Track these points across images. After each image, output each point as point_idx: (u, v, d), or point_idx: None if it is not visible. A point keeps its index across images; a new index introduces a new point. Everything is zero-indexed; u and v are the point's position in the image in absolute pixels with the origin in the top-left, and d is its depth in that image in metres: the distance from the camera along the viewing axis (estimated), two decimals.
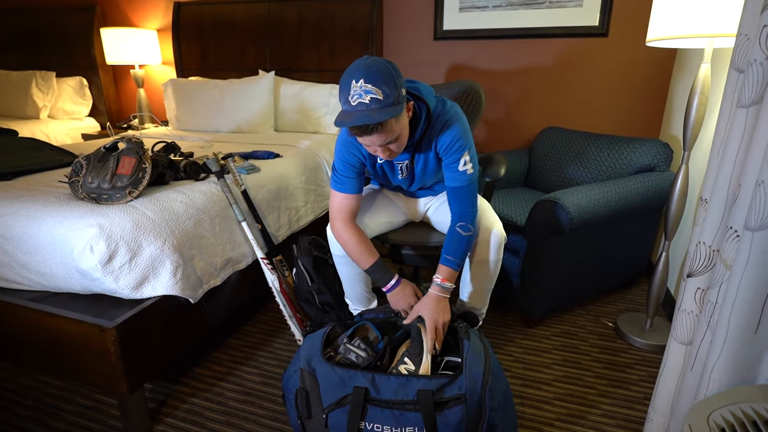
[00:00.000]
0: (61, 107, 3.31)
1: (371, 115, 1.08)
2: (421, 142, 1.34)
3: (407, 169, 1.42)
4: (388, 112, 1.09)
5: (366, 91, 1.08)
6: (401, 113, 1.15)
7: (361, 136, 1.14)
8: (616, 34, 2.35)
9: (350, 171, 1.37)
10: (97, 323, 1.17)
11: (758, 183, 0.83)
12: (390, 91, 1.09)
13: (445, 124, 1.30)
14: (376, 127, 1.11)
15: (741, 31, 1.00)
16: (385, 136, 1.15)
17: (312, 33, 2.83)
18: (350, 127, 1.12)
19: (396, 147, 1.21)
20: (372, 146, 1.19)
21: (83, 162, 1.36)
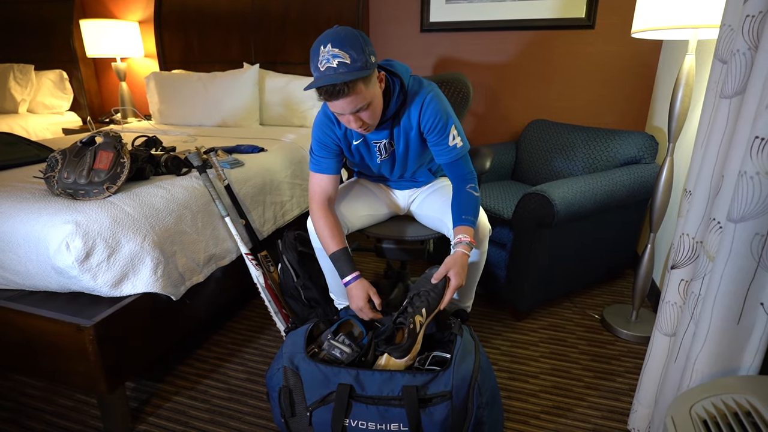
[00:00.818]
0: (40, 101, 3.23)
1: (338, 77, 1.07)
2: (400, 119, 1.33)
3: (386, 150, 1.40)
4: (355, 75, 1.08)
5: (333, 55, 1.07)
6: (370, 78, 1.15)
7: (331, 100, 1.13)
8: (602, 26, 2.34)
9: (325, 151, 1.37)
10: (74, 322, 1.14)
11: (741, 174, 0.83)
12: (357, 55, 1.09)
13: (426, 101, 1.29)
14: (343, 89, 1.09)
15: (725, 21, 0.99)
16: (354, 101, 1.13)
17: (297, 25, 2.79)
18: (319, 91, 1.12)
19: (368, 116, 1.19)
20: (344, 115, 1.18)
21: (59, 157, 1.32)
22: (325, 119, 1.35)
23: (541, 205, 1.62)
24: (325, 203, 1.39)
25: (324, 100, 1.16)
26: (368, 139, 1.38)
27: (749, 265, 0.85)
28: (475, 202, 1.35)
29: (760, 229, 0.82)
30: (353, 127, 1.21)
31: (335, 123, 1.35)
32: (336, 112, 1.19)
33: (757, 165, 0.80)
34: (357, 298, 1.29)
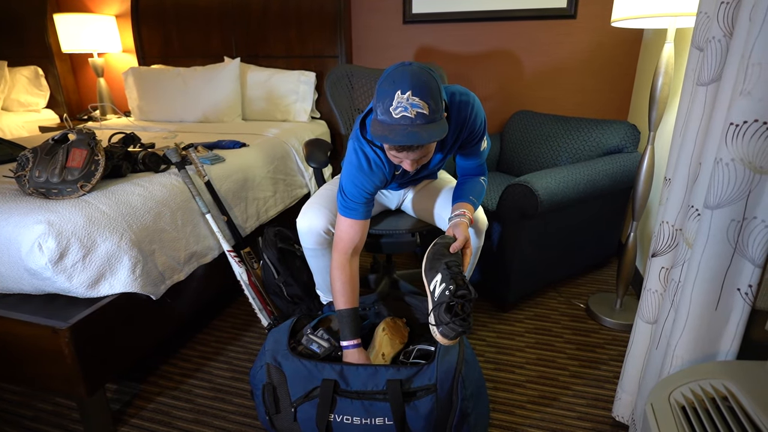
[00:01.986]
0: (15, 98, 3.14)
1: (419, 133, 0.98)
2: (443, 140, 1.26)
3: (421, 167, 1.35)
4: (435, 130, 0.99)
5: (413, 105, 0.97)
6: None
7: (400, 152, 1.05)
8: (584, 16, 2.34)
9: (364, 197, 1.24)
10: (49, 325, 1.11)
11: (717, 161, 0.83)
12: (436, 105, 1.00)
13: (473, 114, 1.22)
14: (417, 146, 1.03)
15: (701, 9, 0.99)
16: (423, 152, 1.07)
17: (278, 17, 2.75)
18: (391, 143, 1.01)
19: (426, 159, 1.13)
20: (404, 160, 1.10)
21: (30, 155, 1.28)
22: (372, 164, 1.22)
23: (524, 196, 1.62)
24: (350, 253, 1.27)
25: (391, 149, 1.07)
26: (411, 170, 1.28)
27: (726, 251, 0.85)
28: (483, 189, 1.35)
29: (735, 216, 0.83)
30: (405, 165, 1.12)
31: (383, 165, 1.23)
32: (394, 157, 1.10)
33: (732, 152, 0.80)
34: (358, 360, 1.22)
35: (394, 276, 1.89)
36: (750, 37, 0.76)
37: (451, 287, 1.07)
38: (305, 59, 2.78)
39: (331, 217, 1.39)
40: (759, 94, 0.76)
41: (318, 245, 1.40)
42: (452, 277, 1.09)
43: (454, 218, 1.25)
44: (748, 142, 0.78)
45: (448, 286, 1.07)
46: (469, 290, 1.07)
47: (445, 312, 1.05)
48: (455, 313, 1.05)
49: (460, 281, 1.09)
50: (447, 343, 1.06)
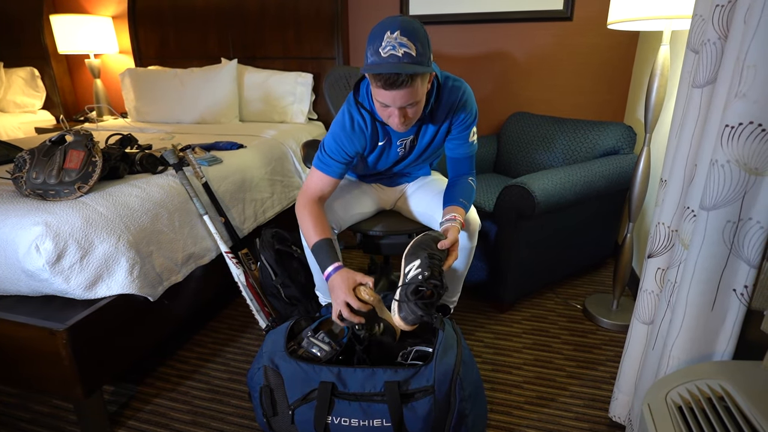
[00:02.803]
0: (11, 99, 3.13)
1: (405, 68, 1.03)
2: (433, 114, 1.30)
3: (409, 146, 1.38)
4: (419, 69, 1.05)
5: (401, 44, 1.03)
6: (426, 76, 1.13)
7: (387, 89, 1.08)
8: (580, 18, 2.36)
9: (342, 156, 1.30)
10: (47, 326, 1.10)
11: (712, 162, 0.84)
12: (423, 49, 1.06)
13: (464, 95, 1.29)
14: (405, 81, 1.06)
15: (696, 11, 1.00)
16: (409, 94, 1.10)
17: (276, 19, 2.75)
18: (377, 78, 1.07)
19: (413, 113, 1.17)
20: (392, 106, 1.13)
21: (27, 157, 1.28)
22: (355, 125, 1.28)
23: (521, 197, 1.63)
24: (316, 199, 1.32)
25: (379, 88, 1.10)
26: (393, 138, 1.34)
27: (722, 252, 0.86)
28: (472, 190, 1.38)
29: (731, 217, 0.84)
30: (393, 122, 1.17)
31: (365, 129, 1.29)
32: (384, 103, 1.13)
33: (727, 153, 0.81)
34: (339, 289, 1.15)
35: (391, 277, 1.90)
36: (745, 39, 0.77)
37: (426, 273, 1.10)
38: (302, 61, 2.78)
39: (335, 215, 1.41)
40: (754, 96, 0.76)
41: None
42: (430, 267, 1.12)
43: (446, 223, 1.27)
44: (743, 143, 0.79)
45: (423, 272, 1.10)
46: (442, 283, 1.10)
47: (412, 293, 1.09)
48: (422, 296, 1.09)
49: (437, 273, 1.11)
50: (404, 327, 1.11)
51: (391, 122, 1.19)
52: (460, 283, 1.52)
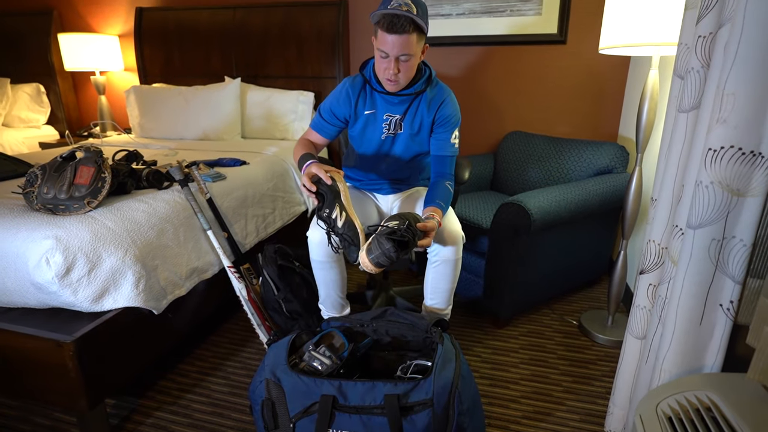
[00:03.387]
0: (16, 115, 3.18)
1: (405, 14, 1.26)
2: (419, 102, 1.49)
3: (394, 126, 1.53)
4: (417, 20, 1.27)
5: (406, 3, 1.28)
6: (422, 39, 1.35)
7: (390, 32, 1.28)
8: (573, 42, 2.44)
9: (333, 118, 1.54)
10: (54, 338, 1.13)
11: (697, 183, 0.88)
12: (422, 15, 1.31)
13: (447, 97, 1.51)
14: (405, 26, 1.27)
15: (681, 40, 1.06)
16: (406, 42, 1.30)
17: (278, 39, 2.83)
18: (384, 19, 1.27)
19: (404, 68, 1.36)
20: (390, 55, 1.32)
21: (38, 172, 1.32)
22: (346, 89, 1.51)
23: (517, 215, 1.67)
24: (309, 142, 1.58)
25: (383, 32, 1.30)
26: (379, 112, 1.52)
27: (708, 268, 0.90)
28: (449, 193, 1.51)
29: (716, 235, 0.88)
30: (388, 74, 1.36)
31: (354, 95, 1.50)
32: (383, 51, 1.33)
33: (711, 175, 0.85)
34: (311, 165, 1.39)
35: (390, 293, 1.92)
36: (724, 68, 0.82)
37: (402, 227, 1.24)
38: (304, 80, 2.85)
39: None
40: (734, 122, 0.81)
41: (327, 257, 1.46)
42: (408, 226, 1.26)
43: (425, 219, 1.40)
44: (725, 166, 0.84)
45: (400, 225, 1.25)
46: (414, 241, 1.26)
47: (386, 236, 1.22)
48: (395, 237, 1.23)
49: (413, 230, 1.26)
50: (369, 267, 1.24)
51: (385, 74, 1.37)
52: (451, 295, 1.56)
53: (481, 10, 2.50)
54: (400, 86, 1.42)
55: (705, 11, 0.93)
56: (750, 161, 0.82)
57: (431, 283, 1.52)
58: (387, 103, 1.50)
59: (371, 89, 1.51)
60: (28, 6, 3.28)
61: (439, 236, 1.44)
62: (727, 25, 0.83)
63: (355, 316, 1.45)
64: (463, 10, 2.52)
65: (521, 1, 2.43)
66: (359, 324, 1.44)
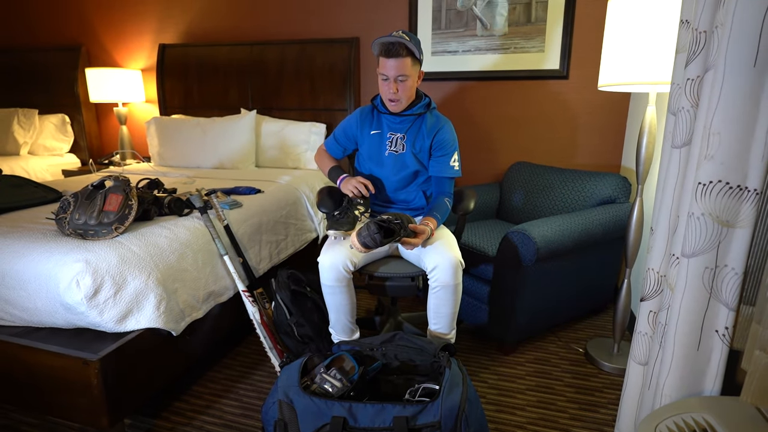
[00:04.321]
0: (42, 143, 3.33)
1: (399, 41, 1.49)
2: (420, 124, 1.69)
3: (397, 144, 1.70)
4: (410, 45, 1.50)
5: (400, 36, 1.51)
6: (416, 64, 1.58)
7: (386, 57, 1.52)
8: (575, 77, 2.54)
9: (344, 138, 1.80)
10: (81, 356, 1.19)
11: (689, 215, 0.94)
12: (415, 44, 1.54)
13: (444, 125, 1.70)
14: (399, 51, 1.50)
15: (674, 80, 1.14)
16: (401, 65, 1.52)
17: (293, 74, 2.97)
18: (381, 46, 1.52)
19: (402, 89, 1.57)
20: (389, 77, 1.55)
21: (71, 200, 1.41)
22: (358, 113, 1.77)
23: (522, 243, 1.73)
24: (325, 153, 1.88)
25: (381, 57, 1.54)
26: (384, 131, 1.72)
27: (703, 296, 0.95)
28: (447, 209, 1.68)
29: (709, 263, 0.93)
30: (389, 93, 1.58)
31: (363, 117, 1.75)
32: (383, 74, 1.56)
33: (701, 207, 0.91)
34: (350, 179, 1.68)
35: (398, 318, 1.97)
36: (710, 109, 0.89)
37: (391, 219, 1.45)
38: (316, 112, 2.98)
39: (349, 254, 1.54)
40: (720, 159, 0.88)
41: (337, 282, 1.52)
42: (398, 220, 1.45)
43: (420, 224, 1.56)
44: (714, 199, 0.90)
45: (390, 218, 1.46)
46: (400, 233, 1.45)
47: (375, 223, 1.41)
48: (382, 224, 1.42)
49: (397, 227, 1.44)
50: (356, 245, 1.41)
51: (387, 95, 1.59)
52: (453, 320, 1.60)
53: (486, 48, 2.62)
54: (401, 105, 1.62)
55: (692, 56, 1.01)
56: (737, 195, 0.88)
57: (433, 308, 1.57)
58: (391, 123, 1.71)
59: (378, 113, 1.74)
60: (59, 42, 3.48)
61: (438, 260, 1.50)
62: (712, 70, 0.91)
63: (365, 340, 1.49)
64: (469, 47, 2.65)
65: (525, 39, 2.55)
66: (369, 348, 1.48)
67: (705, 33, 0.96)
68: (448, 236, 1.63)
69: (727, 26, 0.84)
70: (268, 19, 3.03)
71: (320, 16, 2.92)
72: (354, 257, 1.55)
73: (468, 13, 2.62)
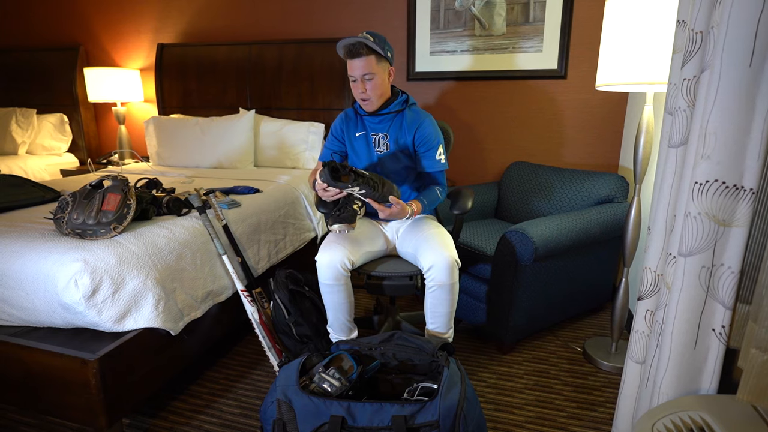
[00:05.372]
0: (40, 143, 3.33)
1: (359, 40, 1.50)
2: (401, 121, 1.69)
3: (382, 143, 1.71)
4: (371, 44, 1.50)
5: (363, 36, 1.51)
6: (382, 61, 1.58)
7: (349, 58, 1.54)
8: (573, 77, 2.55)
9: (335, 142, 1.79)
10: (79, 356, 1.19)
11: (686, 214, 0.95)
12: (379, 43, 1.53)
13: (425, 119, 1.68)
14: (359, 51, 1.51)
15: (671, 80, 1.14)
16: (365, 65, 1.53)
17: (292, 73, 2.97)
18: (344, 49, 1.53)
19: (371, 87, 1.58)
20: (356, 78, 1.56)
21: (69, 199, 1.41)
22: (341, 116, 1.78)
23: (520, 243, 1.73)
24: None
25: (346, 58, 1.55)
26: (368, 132, 1.72)
27: (699, 294, 0.95)
28: (436, 197, 1.69)
29: (705, 262, 0.94)
30: (359, 93, 1.59)
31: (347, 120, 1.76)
32: (351, 76, 1.57)
33: (698, 206, 0.92)
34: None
35: (397, 317, 1.97)
36: (706, 109, 0.90)
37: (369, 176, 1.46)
38: (315, 111, 2.98)
39: (347, 252, 1.54)
40: (717, 158, 0.88)
41: (335, 280, 1.52)
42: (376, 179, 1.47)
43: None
44: (711, 198, 0.90)
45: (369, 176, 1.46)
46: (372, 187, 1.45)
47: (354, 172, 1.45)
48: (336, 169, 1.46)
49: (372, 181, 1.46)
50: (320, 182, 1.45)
51: (358, 95, 1.60)
52: (450, 319, 1.60)
53: (484, 47, 2.63)
54: (373, 104, 1.63)
55: (689, 57, 1.01)
56: (733, 194, 0.89)
57: (430, 308, 1.57)
58: (371, 124, 1.72)
59: (359, 116, 1.75)
60: (57, 42, 3.48)
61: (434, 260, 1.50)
62: (708, 70, 0.91)
63: (363, 340, 1.50)
64: (467, 47, 2.65)
65: (523, 39, 2.56)
66: (367, 347, 1.49)
67: (701, 33, 0.97)
68: (444, 235, 1.63)
69: (723, 26, 0.84)
70: (266, 18, 3.03)
71: (319, 16, 2.93)
72: (352, 256, 1.55)
73: (466, 12, 2.62)
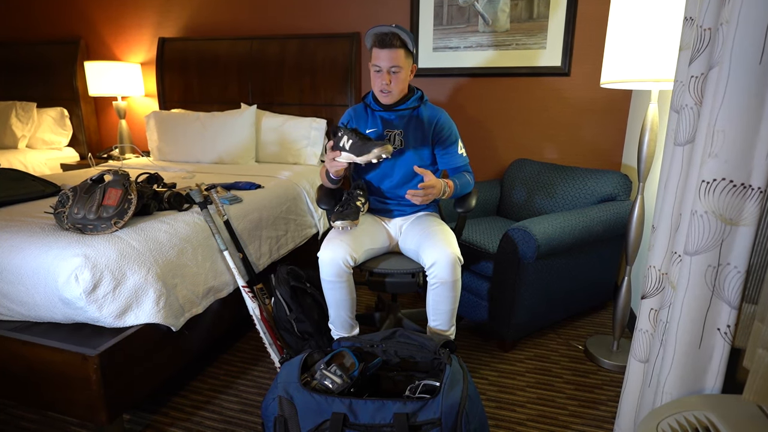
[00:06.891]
0: (40, 137, 3.31)
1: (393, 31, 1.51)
2: (417, 117, 1.70)
3: (397, 140, 1.70)
4: (404, 36, 1.53)
5: (394, 28, 1.53)
6: (409, 57, 1.60)
7: (380, 47, 1.54)
8: (577, 74, 2.53)
9: None
10: (80, 351, 1.19)
11: (693, 212, 0.94)
12: (410, 39, 1.55)
13: (441, 114, 1.71)
14: (393, 41, 1.52)
15: (677, 78, 1.13)
16: (395, 56, 1.54)
17: (293, 69, 2.95)
18: (375, 37, 1.54)
19: (395, 80, 1.58)
20: (382, 68, 1.56)
21: (69, 194, 1.40)
22: (350, 112, 1.78)
23: (523, 240, 1.73)
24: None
25: (375, 48, 1.55)
26: (380, 128, 1.72)
27: (705, 294, 0.95)
28: (467, 182, 1.72)
29: (711, 261, 0.93)
30: (382, 85, 1.58)
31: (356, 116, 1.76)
32: (376, 65, 1.57)
33: (705, 205, 0.91)
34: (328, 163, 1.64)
35: (399, 315, 1.96)
36: (714, 107, 0.89)
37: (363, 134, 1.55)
38: (317, 107, 2.96)
39: (349, 249, 1.53)
40: (724, 156, 0.87)
41: (337, 277, 1.51)
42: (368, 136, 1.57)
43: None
44: (718, 197, 0.89)
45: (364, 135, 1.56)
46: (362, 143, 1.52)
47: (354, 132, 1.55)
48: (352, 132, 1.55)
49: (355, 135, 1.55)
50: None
51: (380, 86, 1.59)
52: (452, 316, 1.60)
53: (487, 44, 2.61)
54: (393, 97, 1.63)
55: (696, 54, 1.00)
56: (741, 193, 0.88)
57: (432, 305, 1.57)
58: (387, 121, 1.71)
59: (372, 111, 1.74)
60: (57, 35, 3.46)
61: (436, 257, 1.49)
62: (716, 67, 0.90)
63: (365, 337, 1.49)
64: (471, 43, 2.64)
65: (526, 36, 2.54)
66: (369, 344, 1.48)
67: (710, 30, 0.96)
68: (447, 232, 1.63)
69: (733, 23, 0.83)
70: (268, 13, 3.01)
71: (321, 11, 2.91)
72: (354, 252, 1.55)
73: (470, 8, 2.60)
